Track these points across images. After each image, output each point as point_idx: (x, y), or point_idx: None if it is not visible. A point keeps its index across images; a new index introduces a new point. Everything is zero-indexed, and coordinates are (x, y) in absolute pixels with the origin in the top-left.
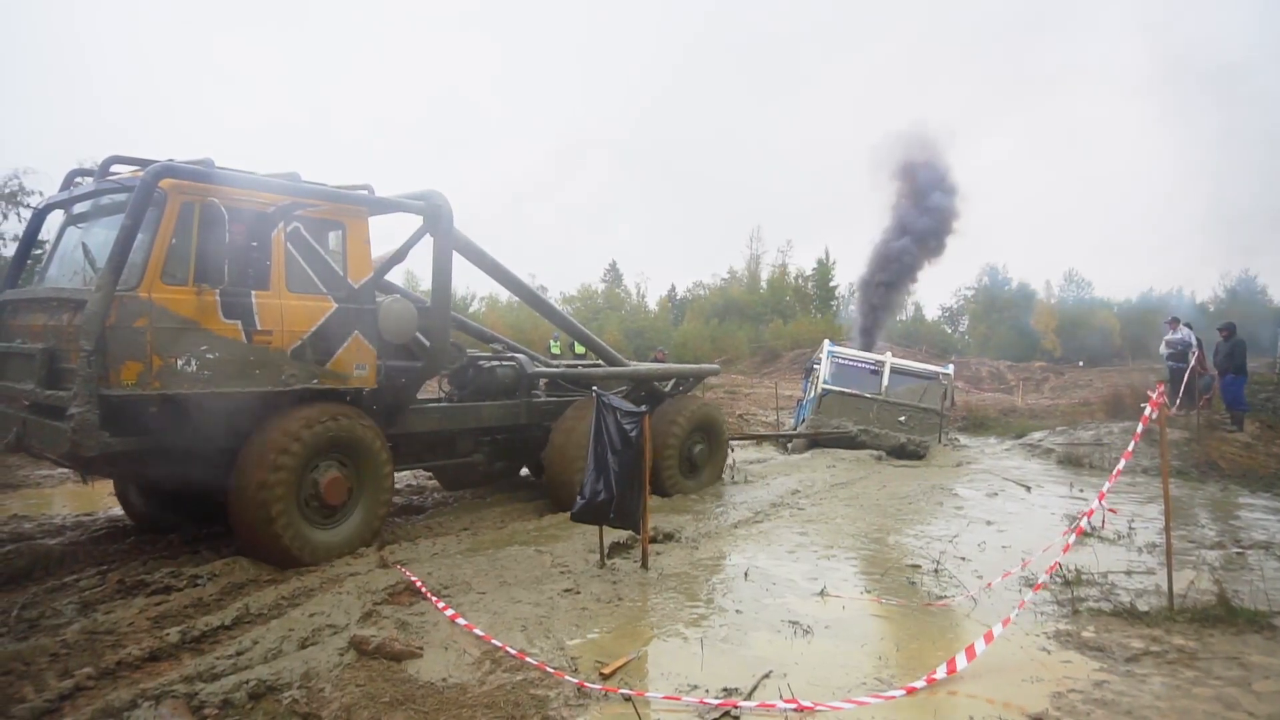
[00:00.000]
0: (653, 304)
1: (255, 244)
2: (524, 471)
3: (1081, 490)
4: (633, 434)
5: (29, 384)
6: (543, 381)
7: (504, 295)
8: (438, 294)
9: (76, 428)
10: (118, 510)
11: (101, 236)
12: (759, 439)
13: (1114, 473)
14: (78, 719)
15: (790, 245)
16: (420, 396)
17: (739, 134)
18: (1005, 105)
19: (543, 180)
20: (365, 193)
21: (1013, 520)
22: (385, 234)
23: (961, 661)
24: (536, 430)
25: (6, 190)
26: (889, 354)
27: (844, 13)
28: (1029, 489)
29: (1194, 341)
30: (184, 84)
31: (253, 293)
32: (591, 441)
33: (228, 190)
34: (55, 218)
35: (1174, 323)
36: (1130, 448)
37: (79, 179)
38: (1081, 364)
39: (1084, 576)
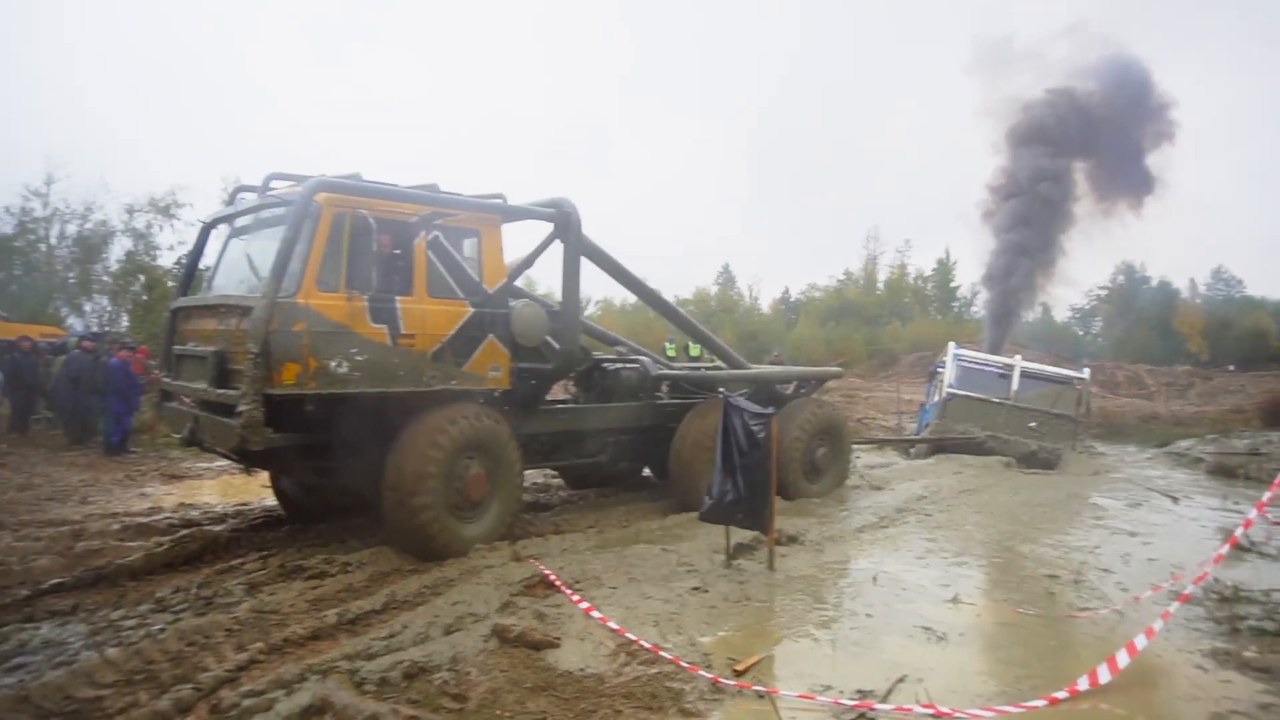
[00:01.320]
0: (765, 306)
1: (399, 252)
2: (646, 472)
3: (1236, 502)
4: (760, 435)
5: (201, 383)
6: (665, 383)
7: (618, 298)
8: (567, 298)
9: (245, 424)
10: (270, 501)
11: (262, 247)
12: (881, 443)
13: (1275, 482)
14: (255, 687)
15: (909, 245)
16: (548, 398)
17: (855, 132)
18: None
19: (656, 183)
20: (499, 201)
21: (1159, 532)
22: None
23: (1104, 674)
24: (660, 431)
25: (162, 204)
26: (1019, 357)
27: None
28: (1176, 500)
29: None
30: (208, 89)
31: (397, 298)
32: (719, 443)
33: (375, 202)
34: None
35: None
36: None
37: (243, 194)
38: (1232, 368)
39: (1242, 594)
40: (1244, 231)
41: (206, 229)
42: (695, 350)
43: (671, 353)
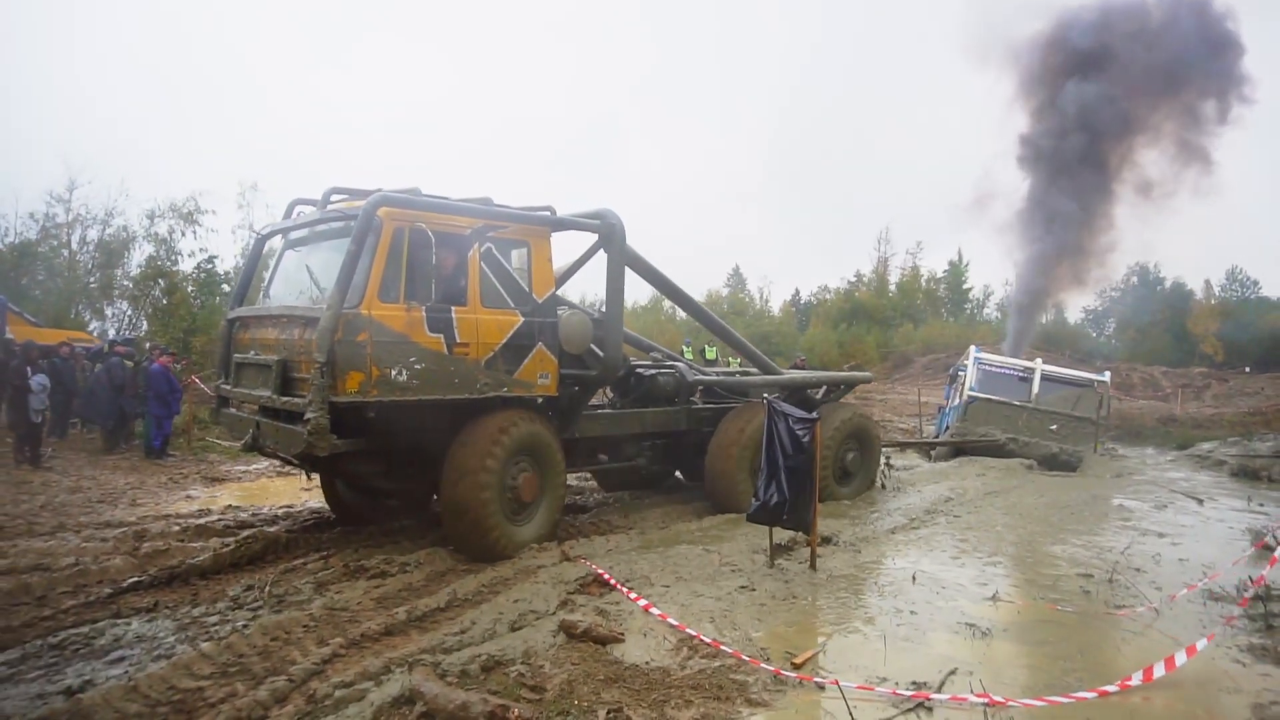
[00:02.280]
0: (776, 308)
1: (455, 264)
2: (677, 474)
3: (1261, 504)
4: (805, 439)
5: (264, 391)
6: (699, 388)
7: (629, 301)
8: (611, 306)
9: (312, 431)
10: (315, 502)
11: (322, 259)
12: (903, 446)
13: None
14: (343, 679)
15: (920, 247)
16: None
17: (867, 135)
18: None
19: (668, 184)
20: (548, 213)
21: (1187, 533)
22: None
23: (1160, 670)
24: (694, 435)
25: (184, 210)
26: (1039, 360)
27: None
28: (1201, 502)
29: None
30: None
31: (452, 308)
32: (764, 447)
33: (432, 215)
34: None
35: None
36: None
37: (300, 207)
38: (1248, 370)
39: (1275, 593)
40: (1260, 231)
41: (261, 240)
42: (711, 353)
43: (688, 355)
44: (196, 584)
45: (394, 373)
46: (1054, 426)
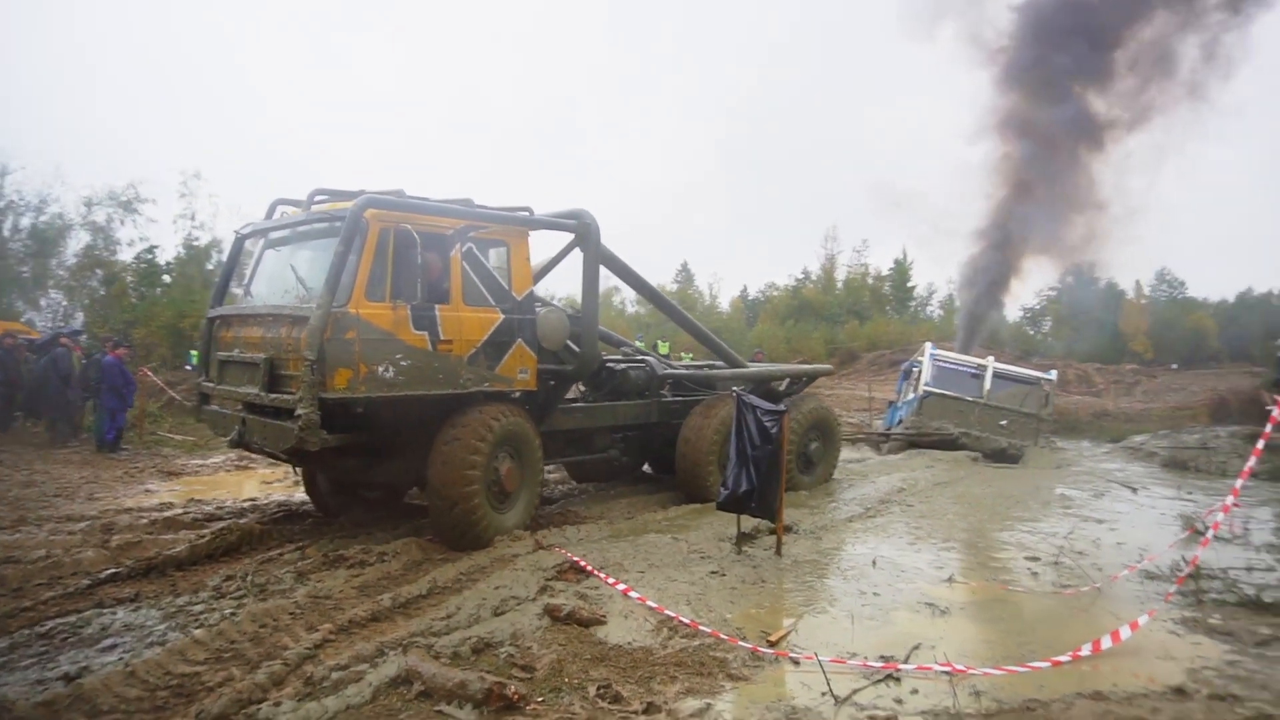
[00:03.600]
0: (725, 305)
1: (439, 263)
2: (646, 467)
3: (1190, 492)
4: (773, 430)
5: (251, 388)
6: (668, 382)
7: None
8: (587, 304)
9: (303, 427)
10: (280, 495)
11: (306, 259)
12: (858, 439)
13: (1244, 471)
14: (339, 662)
15: (866, 245)
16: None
17: (818, 134)
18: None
19: (618, 178)
20: (526, 214)
21: (1123, 519)
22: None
23: (1107, 643)
24: (664, 428)
25: (123, 198)
26: (991, 358)
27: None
28: (1135, 490)
29: None
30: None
31: (436, 307)
32: (733, 438)
33: (417, 216)
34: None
35: None
36: (1260, 445)
37: (282, 207)
38: (1175, 367)
39: (1203, 571)
40: (1187, 233)
41: (241, 240)
42: (664, 348)
43: (642, 348)
44: (174, 575)
45: (381, 369)
46: (1004, 421)
